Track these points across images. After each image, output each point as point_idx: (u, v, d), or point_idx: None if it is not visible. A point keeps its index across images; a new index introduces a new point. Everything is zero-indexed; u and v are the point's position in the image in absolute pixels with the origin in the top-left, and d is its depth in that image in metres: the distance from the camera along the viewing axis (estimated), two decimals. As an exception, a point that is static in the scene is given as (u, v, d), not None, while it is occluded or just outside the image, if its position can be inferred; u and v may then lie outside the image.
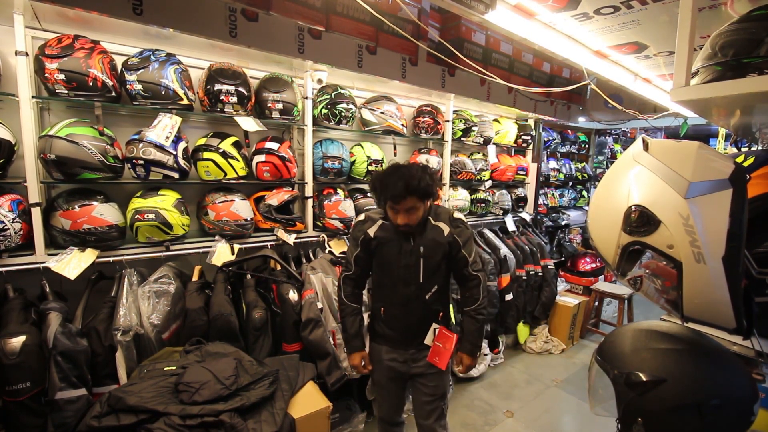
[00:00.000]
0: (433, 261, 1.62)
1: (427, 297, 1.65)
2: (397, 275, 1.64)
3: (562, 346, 3.71)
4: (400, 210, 1.53)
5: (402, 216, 1.54)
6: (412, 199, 1.51)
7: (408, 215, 1.54)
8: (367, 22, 2.31)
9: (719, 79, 0.90)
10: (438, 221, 1.65)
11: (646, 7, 1.49)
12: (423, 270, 1.62)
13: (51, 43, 1.58)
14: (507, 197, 3.61)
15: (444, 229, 1.63)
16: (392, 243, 1.63)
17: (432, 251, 1.62)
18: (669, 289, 0.86)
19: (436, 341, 1.67)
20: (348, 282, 1.76)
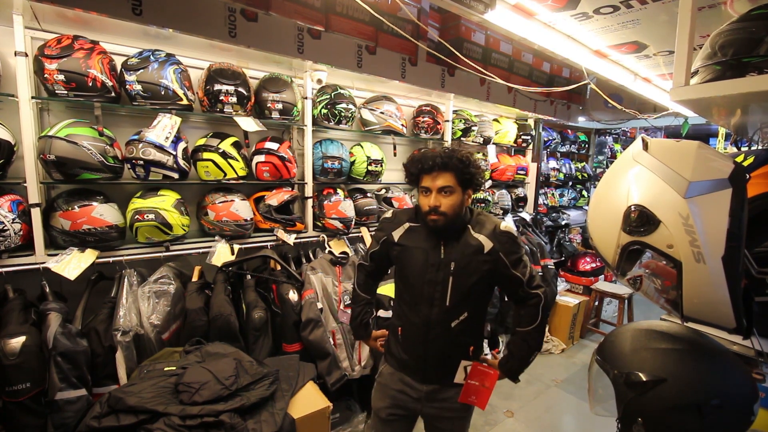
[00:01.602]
0: (466, 282, 1.33)
1: (453, 325, 1.36)
2: (420, 292, 1.37)
3: (562, 345, 3.71)
4: (433, 189, 1.30)
5: (434, 197, 1.29)
6: (448, 175, 1.29)
7: (441, 197, 1.29)
8: (367, 22, 2.31)
9: (719, 79, 0.90)
10: (479, 233, 1.34)
11: (645, 7, 1.49)
12: (451, 290, 1.33)
13: (50, 44, 1.58)
14: (507, 197, 3.61)
15: (485, 244, 1.32)
16: (418, 252, 1.38)
17: (465, 269, 1.33)
18: (669, 289, 0.86)
19: (470, 380, 1.41)
20: (362, 270, 1.61)
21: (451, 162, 1.28)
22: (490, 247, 1.33)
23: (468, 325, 1.39)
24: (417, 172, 1.33)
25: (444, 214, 1.29)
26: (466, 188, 1.33)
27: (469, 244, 1.34)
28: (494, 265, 1.34)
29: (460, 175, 1.29)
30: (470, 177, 1.31)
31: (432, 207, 1.29)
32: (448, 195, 1.30)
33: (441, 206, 1.29)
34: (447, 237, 1.35)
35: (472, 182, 1.33)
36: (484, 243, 1.33)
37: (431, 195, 1.30)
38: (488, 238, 1.33)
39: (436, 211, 1.29)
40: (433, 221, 1.31)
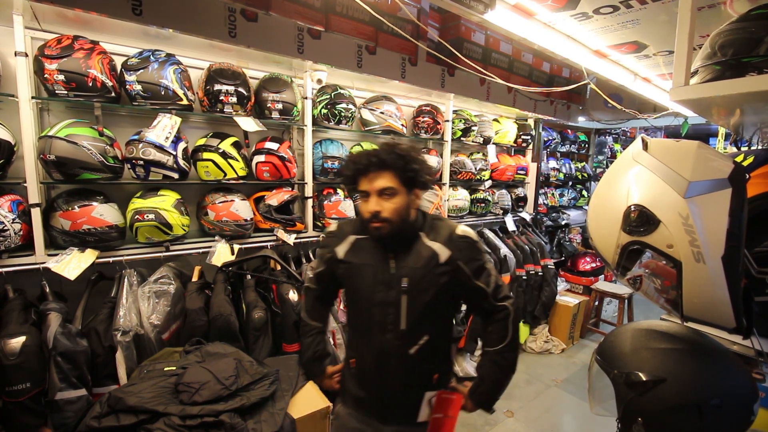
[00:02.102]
0: (422, 299, 1.15)
1: (412, 351, 1.17)
2: (370, 317, 1.19)
3: (563, 345, 3.71)
4: (372, 192, 1.12)
5: (374, 201, 1.11)
6: (388, 174, 1.11)
7: (382, 201, 1.11)
8: (367, 22, 2.31)
9: (719, 79, 0.90)
10: (434, 240, 1.17)
11: (645, 7, 1.49)
12: (406, 311, 1.15)
13: (50, 44, 1.58)
14: (507, 197, 3.61)
15: (440, 253, 1.15)
16: (365, 269, 1.20)
17: (420, 284, 1.15)
18: (669, 289, 0.86)
19: (435, 414, 1.22)
20: (309, 294, 1.41)
21: (389, 159, 1.10)
22: (447, 255, 1.15)
23: (430, 350, 1.19)
24: (352, 174, 1.15)
25: (388, 221, 1.11)
26: (411, 188, 1.16)
27: (422, 254, 1.16)
28: (453, 276, 1.16)
29: (402, 173, 1.12)
30: (414, 174, 1.13)
31: (373, 213, 1.11)
32: (390, 198, 1.11)
33: (383, 211, 1.10)
34: (397, 248, 1.18)
35: (416, 180, 1.15)
36: (440, 252, 1.15)
37: (371, 199, 1.12)
38: (444, 246, 1.16)
39: (378, 218, 1.11)
40: (376, 229, 1.13)
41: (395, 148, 1.12)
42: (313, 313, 1.40)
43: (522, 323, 3.64)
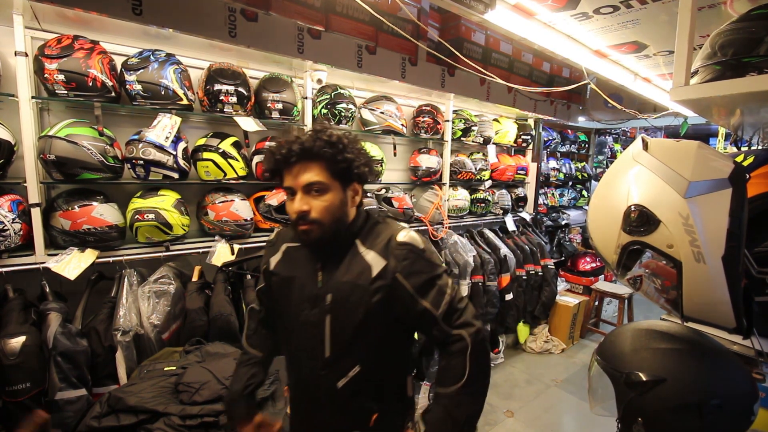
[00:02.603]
0: (348, 321, 0.96)
1: (341, 385, 0.98)
2: (298, 340, 1.03)
3: (562, 345, 3.71)
4: (297, 188, 0.94)
5: (300, 198, 0.93)
6: (315, 166, 0.93)
7: (309, 198, 0.93)
8: (367, 22, 2.31)
9: (719, 79, 0.90)
10: (368, 248, 0.99)
11: (645, 7, 1.49)
12: (330, 335, 0.97)
13: (50, 44, 1.58)
14: (507, 197, 3.61)
15: (373, 264, 0.96)
16: (293, 283, 1.04)
17: (345, 302, 0.96)
18: (669, 289, 0.86)
19: None
20: (253, 316, 1.24)
21: (315, 147, 0.91)
22: (381, 267, 0.95)
23: (365, 384, 0.99)
24: (274, 166, 0.97)
25: (317, 223, 0.93)
26: (347, 182, 0.98)
27: (353, 265, 0.98)
28: (391, 293, 0.95)
29: (333, 164, 0.93)
30: (347, 165, 0.94)
31: (299, 213, 0.93)
32: (320, 194, 0.94)
33: (311, 211, 0.93)
34: (327, 257, 1.01)
35: (351, 172, 0.96)
36: (373, 263, 0.96)
37: (296, 197, 0.94)
38: (379, 255, 0.96)
39: (306, 219, 0.93)
40: (304, 233, 0.95)
41: (323, 134, 0.93)
42: (253, 339, 1.20)
43: (522, 323, 3.65)
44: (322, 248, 1.01)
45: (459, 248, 2.99)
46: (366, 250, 0.99)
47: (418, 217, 2.94)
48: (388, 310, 0.97)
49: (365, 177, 1.01)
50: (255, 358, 1.19)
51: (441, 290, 0.97)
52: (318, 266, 1.02)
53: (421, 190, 3.14)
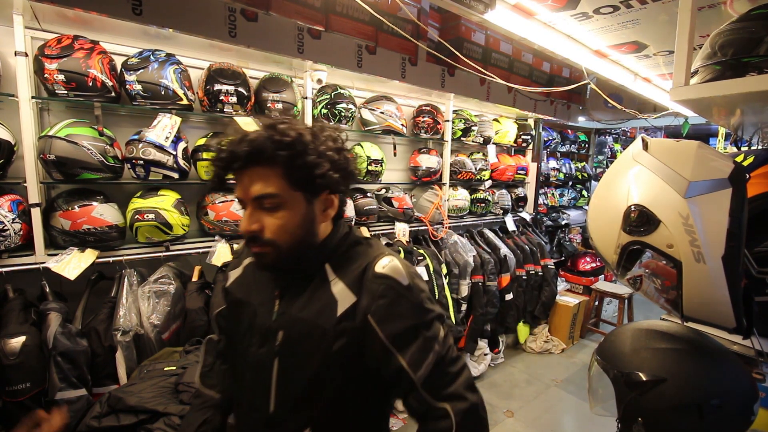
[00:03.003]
0: (301, 368, 0.76)
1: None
2: (243, 381, 0.85)
3: (563, 345, 3.71)
4: (246, 200, 0.75)
5: (248, 215, 0.75)
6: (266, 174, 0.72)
7: (262, 215, 0.74)
8: (367, 22, 2.31)
9: (719, 79, 0.90)
10: (339, 276, 0.78)
11: (645, 7, 1.49)
12: (276, 384, 0.78)
13: (50, 44, 1.58)
14: (507, 197, 3.61)
15: (340, 299, 0.75)
16: (245, 310, 0.85)
17: (299, 344, 0.77)
18: (669, 289, 0.86)
19: None
20: (210, 348, 1.01)
21: (266, 149, 0.70)
22: (349, 303, 0.74)
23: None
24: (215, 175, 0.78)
25: (272, 245, 0.74)
26: (314, 193, 0.76)
27: (315, 297, 0.77)
28: (357, 340, 0.74)
29: (292, 170, 0.72)
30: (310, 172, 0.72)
31: (248, 233, 0.74)
32: (275, 210, 0.73)
33: (264, 231, 0.74)
34: (289, 283, 0.81)
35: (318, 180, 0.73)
36: (340, 297, 0.75)
37: (246, 212, 0.75)
38: (349, 288, 0.76)
39: (257, 240, 0.74)
40: (257, 257, 0.78)
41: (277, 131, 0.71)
42: (210, 377, 0.97)
43: (522, 323, 3.65)
44: (279, 271, 0.81)
45: (459, 248, 2.99)
46: (335, 280, 0.78)
47: (418, 217, 2.94)
48: (353, 362, 0.75)
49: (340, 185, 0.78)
50: (210, 400, 0.95)
51: (426, 345, 0.72)
52: (276, 293, 0.81)
53: (421, 190, 3.14)
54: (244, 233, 0.75)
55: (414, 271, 0.79)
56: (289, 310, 0.79)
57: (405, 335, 0.73)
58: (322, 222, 0.81)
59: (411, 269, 0.78)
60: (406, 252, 2.56)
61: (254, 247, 0.76)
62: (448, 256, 2.95)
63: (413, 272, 0.78)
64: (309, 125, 0.78)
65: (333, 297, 0.76)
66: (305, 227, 0.77)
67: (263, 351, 0.79)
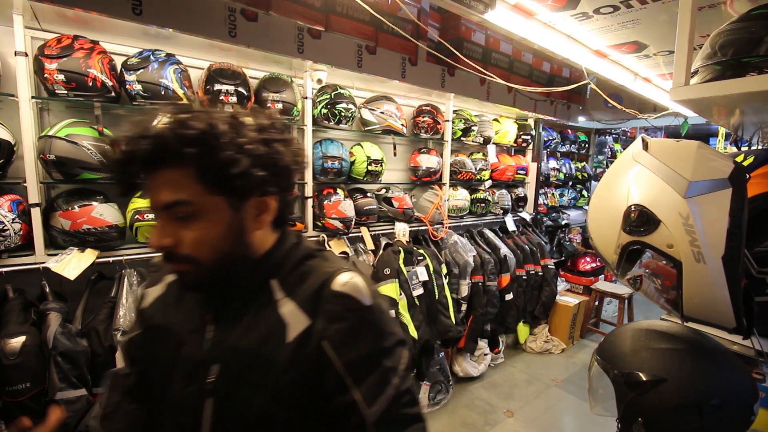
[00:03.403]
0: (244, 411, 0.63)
1: None
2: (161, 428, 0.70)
3: (563, 345, 3.71)
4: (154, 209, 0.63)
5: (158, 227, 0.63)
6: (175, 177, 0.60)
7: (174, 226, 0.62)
8: (367, 22, 2.31)
9: (719, 79, 0.90)
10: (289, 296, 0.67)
11: (645, 7, 1.49)
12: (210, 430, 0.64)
13: (50, 44, 1.58)
14: (507, 197, 3.61)
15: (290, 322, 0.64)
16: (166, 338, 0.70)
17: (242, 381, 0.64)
18: (669, 289, 0.86)
19: None
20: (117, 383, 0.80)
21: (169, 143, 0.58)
22: (302, 328, 0.63)
23: None
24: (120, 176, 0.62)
25: (192, 261, 0.62)
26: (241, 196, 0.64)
27: (259, 321, 0.66)
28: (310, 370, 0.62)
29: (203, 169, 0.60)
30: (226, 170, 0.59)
31: (160, 249, 0.63)
32: (189, 220, 0.61)
33: (179, 245, 0.62)
34: (224, 304, 0.69)
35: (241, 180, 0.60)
36: (291, 319, 0.64)
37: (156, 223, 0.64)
38: (302, 309, 0.64)
39: (173, 257, 0.63)
40: (178, 274, 0.66)
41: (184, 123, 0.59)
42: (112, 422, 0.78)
43: (522, 323, 3.65)
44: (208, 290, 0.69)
45: (459, 248, 2.99)
46: (284, 299, 0.66)
47: (418, 217, 2.94)
48: (307, 398, 0.63)
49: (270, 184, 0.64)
50: None
51: (385, 377, 0.62)
52: (209, 317, 0.68)
53: (421, 190, 3.14)
54: (156, 247, 0.62)
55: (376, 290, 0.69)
56: (225, 338, 0.66)
57: (363, 364, 0.62)
58: (257, 230, 0.67)
59: (373, 287, 0.68)
60: (406, 252, 2.56)
61: (171, 264, 0.64)
62: (448, 256, 2.95)
63: (375, 291, 0.68)
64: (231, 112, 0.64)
65: (281, 320, 0.64)
66: (232, 238, 0.64)
67: (191, 390, 0.65)
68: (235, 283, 0.68)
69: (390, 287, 2.34)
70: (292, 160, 0.67)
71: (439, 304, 2.64)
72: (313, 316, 0.64)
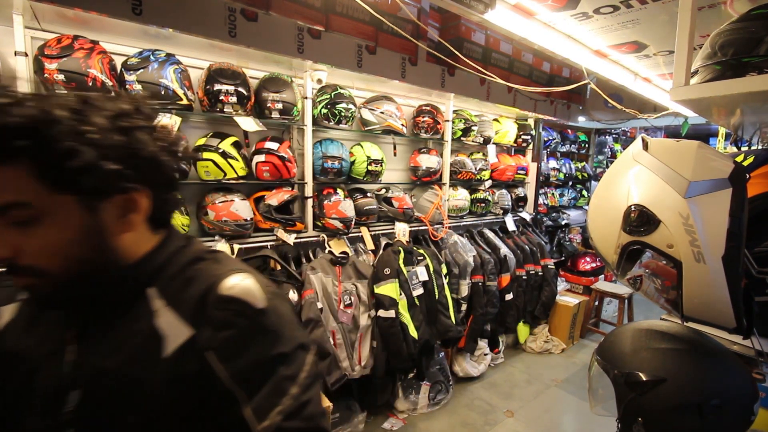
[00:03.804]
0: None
1: None
2: None
3: (562, 345, 3.71)
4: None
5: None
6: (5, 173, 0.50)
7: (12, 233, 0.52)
8: (367, 22, 2.31)
9: (719, 79, 0.90)
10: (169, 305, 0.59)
11: (645, 7, 1.49)
12: None
13: (50, 44, 1.58)
14: (507, 197, 3.61)
15: (169, 335, 0.56)
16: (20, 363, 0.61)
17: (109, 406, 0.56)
18: (669, 289, 0.86)
19: None
20: None
21: None
22: (182, 339, 0.56)
23: None
24: None
25: (38, 274, 0.54)
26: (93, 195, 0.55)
27: (130, 335, 0.57)
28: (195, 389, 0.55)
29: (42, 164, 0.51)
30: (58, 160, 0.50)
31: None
32: (30, 226, 0.52)
33: (20, 255, 0.53)
34: (89, 319, 0.60)
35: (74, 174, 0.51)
36: (169, 330, 0.57)
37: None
38: (183, 319, 0.57)
39: (15, 269, 0.54)
40: (25, 289, 0.58)
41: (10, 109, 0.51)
42: None
43: (522, 323, 3.65)
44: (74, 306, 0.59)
45: (459, 248, 2.99)
46: (163, 308, 0.58)
47: (418, 217, 2.94)
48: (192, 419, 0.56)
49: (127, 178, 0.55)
50: None
51: (280, 387, 0.55)
52: (71, 335, 0.59)
53: (421, 190, 3.14)
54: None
55: (275, 291, 0.62)
56: (88, 359, 0.57)
57: (254, 374, 0.55)
58: (126, 233, 0.58)
59: (271, 288, 0.61)
60: (406, 252, 2.56)
61: (15, 279, 0.54)
62: (448, 256, 2.95)
63: (273, 292, 0.61)
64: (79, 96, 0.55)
65: (157, 333, 0.56)
66: (88, 244, 0.55)
67: (47, 423, 0.56)
68: (100, 294, 0.58)
69: (390, 287, 2.34)
70: (162, 151, 0.58)
71: (439, 304, 2.64)
72: (197, 326, 0.56)
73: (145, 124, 0.57)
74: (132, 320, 0.58)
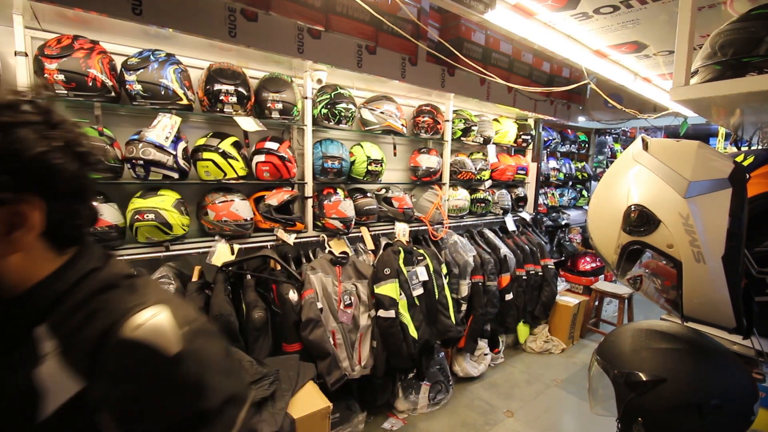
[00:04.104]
0: None
1: None
2: None
3: (562, 345, 3.71)
4: None
5: None
6: None
7: None
8: (367, 22, 2.31)
9: (719, 78, 0.90)
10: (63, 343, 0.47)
11: (645, 7, 1.49)
12: None
13: (50, 44, 1.58)
14: (507, 197, 3.61)
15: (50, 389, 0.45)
16: None
17: None
18: (669, 289, 0.86)
19: None
20: None
21: None
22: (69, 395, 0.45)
23: None
24: None
25: None
26: None
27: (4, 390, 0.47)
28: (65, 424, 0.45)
29: None
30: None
31: None
32: None
33: None
34: None
35: None
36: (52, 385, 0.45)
37: None
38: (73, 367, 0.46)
39: None
40: None
41: None
42: None
43: (522, 323, 3.65)
44: None
45: (459, 248, 2.99)
46: (52, 354, 0.46)
47: (418, 217, 2.94)
48: None
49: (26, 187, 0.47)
50: None
51: None
52: None
53: (421, 190, 3.14)
54: None
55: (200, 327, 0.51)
56: None
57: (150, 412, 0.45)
58: (10, 255, 0.47)
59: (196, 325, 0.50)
60: (406, 252, 2.56)
61: None
62: (448, 256, 2.95)
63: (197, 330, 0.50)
64: None
65: (34, 389, 0.44)
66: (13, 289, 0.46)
67: None
68: None
69: (390, 287, 2.34)
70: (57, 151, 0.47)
71: (439, 304, 2.64)
72: (90, 376, 0.44)
73: (33, 119, 0.46)
74: (8, 369, 0.46)
